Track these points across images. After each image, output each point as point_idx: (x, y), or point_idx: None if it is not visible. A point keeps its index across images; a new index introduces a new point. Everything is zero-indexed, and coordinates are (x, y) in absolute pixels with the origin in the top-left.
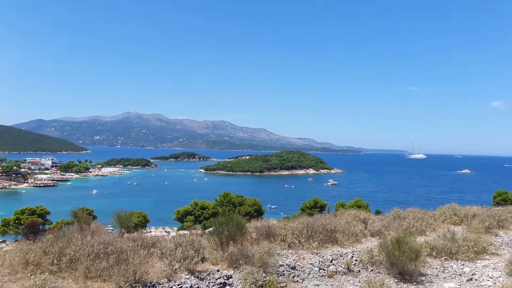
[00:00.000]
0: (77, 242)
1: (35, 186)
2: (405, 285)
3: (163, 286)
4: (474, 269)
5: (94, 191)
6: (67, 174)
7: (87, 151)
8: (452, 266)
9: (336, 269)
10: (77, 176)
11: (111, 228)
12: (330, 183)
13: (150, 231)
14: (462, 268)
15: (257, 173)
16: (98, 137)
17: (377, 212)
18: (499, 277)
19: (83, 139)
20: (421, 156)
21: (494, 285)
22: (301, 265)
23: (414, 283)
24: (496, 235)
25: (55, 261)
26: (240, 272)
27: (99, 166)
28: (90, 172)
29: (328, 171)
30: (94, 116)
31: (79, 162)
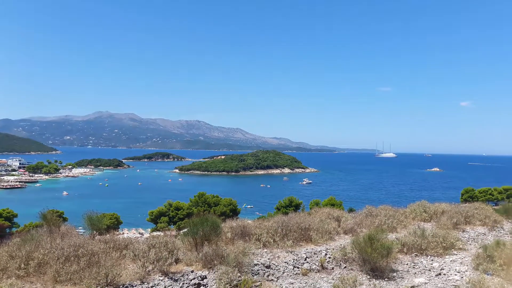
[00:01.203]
0: (46, 245)
1: (1, 188)
2: (377, 281)
3: None
4: (442, 264)
5: (65, 193)
6: (36, 175)
7: (57, 152)
8: (422, 261)
9: (310, 267)
10: (46, 177)
11: (82, 230)
12: (305, 182)
13: (123, 233)
14: (432, 264)
15: (233, 173)
16: (68, 137)
17: (350, 210)
18: (466, 271)
19: (52, 139)
20: (391, 155)
21: (461, 279)
22: (276, 264)
23: (386, 279)
24: (464, 231)
25: (22, 265)
26: (214, 272)
27: (70, 167)
28: (60, 173)
29: (303, 170)
30: (65, 115)
31: (49, 163)
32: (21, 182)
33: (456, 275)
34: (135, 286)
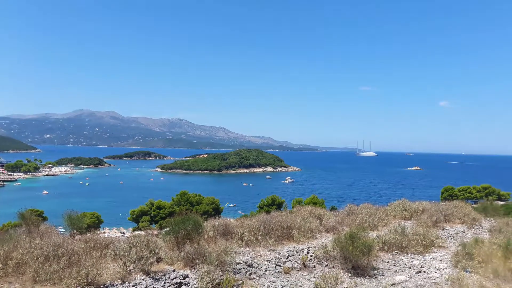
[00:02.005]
0: (24, 245)
1: None
2: (358, 279)
3: None
4: (422, 262)
5: (44, 192)
6: (15, 174)
7: (37, 150)
8: (402, 259)
9: (292, 265)
10: (25, 176)
11: (62, 230)
12: (287, 181)
13: (104, 232)
14: (412, 261)
15: (216, 172)
16: (48, 136)
17: (332, 208)
18: (446, 268)
19: (32, 138)
20: (371, 153)
21: (440, 276)
22: (258, 262)
23: (367, 276)
24: (443, 229)
25: (1, 265)
26: (196, 271)
27: (50, 165)
28: (40, 172)
29: (285, 169)
30: (44, 113)
31: (28, 161)
32: None
33: (435, 272)
34: (116, 285)
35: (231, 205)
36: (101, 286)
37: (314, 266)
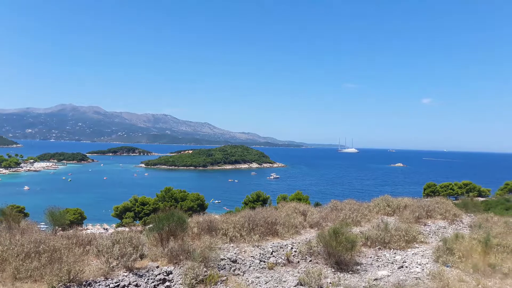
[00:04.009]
0: (4, 241)
1: None
2: (342, 274)
3: (99, 285)
4: (405, 257)
5: (26, 187)
6: None
7: (18, 145)
8: (385, 254)
9: (276, 260)
10: (6, 171)
11: (44, 226)
12: (272, 177)
13: (87, 229)
14: (394, 257)
15: (201, 168)
16: (30, 130)
17: (317, 204)
18: (427, 263)
19: (13, 132)
20: (353, 150)
21: (422, 271)
22: (242, 258)
23: (350, 272)
24: (425, 225)
25: None
26: (180, 267)
27: (31, 160)
28: (21, 167)
29: (271, 165)
30: (26, 108)
31: (9, 156)
32: None
33: (417, 267)
34: (99, 282)
35: (216, 201)
36: (84, 283)
37: (298, 262)
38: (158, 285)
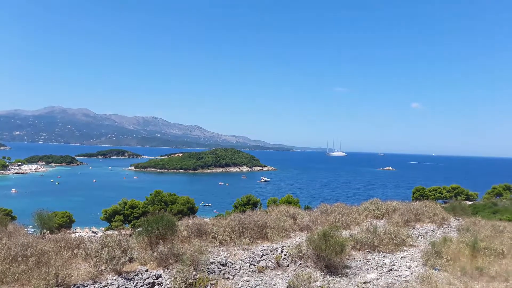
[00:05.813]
0: None
1: None
2: (331, 278)
3: None
4: (394, 260)
5: (13, 190)
6: None
7: (6, 147)
8: (374, 258)
9: (266, 264)
10: None
11: (32, 230)
12: (263, 180)
13: (76, 232)
14: (383, 260)
15: (191, 171)
16: (18, 133)
17: (307, 208)
18: (416, 267)
19: (0, 135)
20: (341, 153)
21: (411, 274)
22: (232, 262)
23: (340, 275)
24: (414, 228)
25: None
26: (170, 271)
27: (19, 163)
28: (9, 170)
29: (261, 168)
30: (14, 109)
31: None
32: None
33: (406, 270)
34: (87, 286)
35: (207, 204)
36: (72, 286)
37: (288, 265)
38: None
